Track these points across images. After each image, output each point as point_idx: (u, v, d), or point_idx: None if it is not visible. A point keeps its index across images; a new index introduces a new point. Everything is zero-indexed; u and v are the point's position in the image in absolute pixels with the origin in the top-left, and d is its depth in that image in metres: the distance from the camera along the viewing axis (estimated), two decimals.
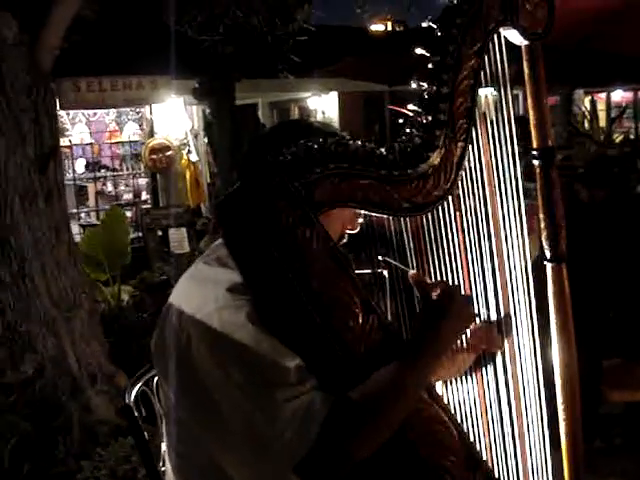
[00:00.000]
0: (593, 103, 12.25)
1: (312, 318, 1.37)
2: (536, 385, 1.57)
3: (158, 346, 1.53)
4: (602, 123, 12.21)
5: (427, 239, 1.51)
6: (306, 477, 1.35)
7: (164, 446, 1.62)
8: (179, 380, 1.46)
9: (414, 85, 1.46)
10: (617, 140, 11.31)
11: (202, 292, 1.46)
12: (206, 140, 10.37)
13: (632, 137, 12.31)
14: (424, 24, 1.46)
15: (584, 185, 4.34)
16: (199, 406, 1.43)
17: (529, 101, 1.52)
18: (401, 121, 1.50)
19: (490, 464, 1.58)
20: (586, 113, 11.61)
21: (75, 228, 8.35)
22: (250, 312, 1.38)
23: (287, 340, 1.37)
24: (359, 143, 1.40)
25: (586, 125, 11.19)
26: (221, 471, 1.44)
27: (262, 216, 1.35)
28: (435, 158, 1.43)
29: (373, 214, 1.45)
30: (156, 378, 1.73)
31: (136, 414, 1.75)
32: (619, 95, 15.54)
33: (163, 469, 1.67)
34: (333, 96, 13.16)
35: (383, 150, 1.41)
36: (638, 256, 4.04)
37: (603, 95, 14.99)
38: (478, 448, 1.58)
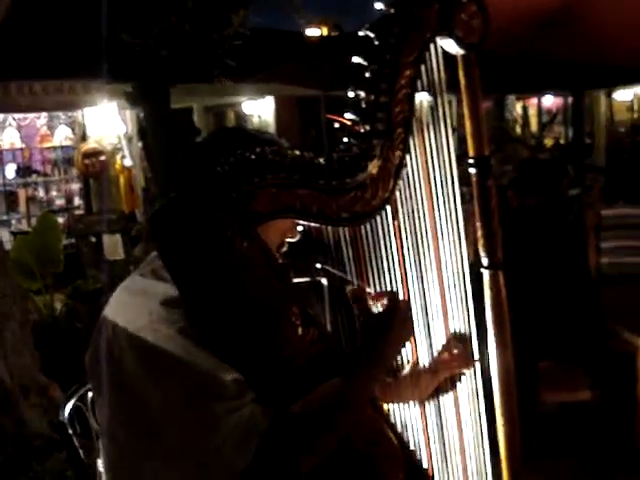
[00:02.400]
0: (525, 108, 12.52)
1: (250, 331, 1.35)
2: (474, 390, 1.58)
3: (92, 360, 1.49)
4: (533, 128, 12.48)
5: (366, 247, 1.51)
6: None
7: (100, 463, 1.58)
8: (113, 396, 1.43)
9: (351, 94, 1.45)
10: (548, 145, 11.59)
11: (136, 305, 1.43)
12: (140, 145, 10.23)
13: (562, 142, 12.61)
14: (361, 32, 1.46)
15: (515, 192, 4.42)
16: (135, 422, 1.39)
17: (465, 111, 1.53)
18: (337, 126, 1.49)
19: (431, 471, 1.59)
20: (518, 118, 11.85)
21: (5, 235, 8.15)
22: (185, 326, 1.36)
23: (224, 354, 1.35)
24: (297, 152, 1.39)
25: (518, 130, 11.43)
26: None
27: (198, 228, 1.33)
28: (373, 167, 1.43)
29: (312, 224, 1.44)
30: (90, 393, 1.69)
31: (71, 431, 1.71)
32: (550, 100, 15.90)
33: None
34: (269, 100, 13.15)
35: (321, 160, 1.40)
36: (570, 259, 4.13)
37: (534, 101, 15.32)
38: (418, 456, 1.59)
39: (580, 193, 5.84)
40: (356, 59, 1.44)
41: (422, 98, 1.50)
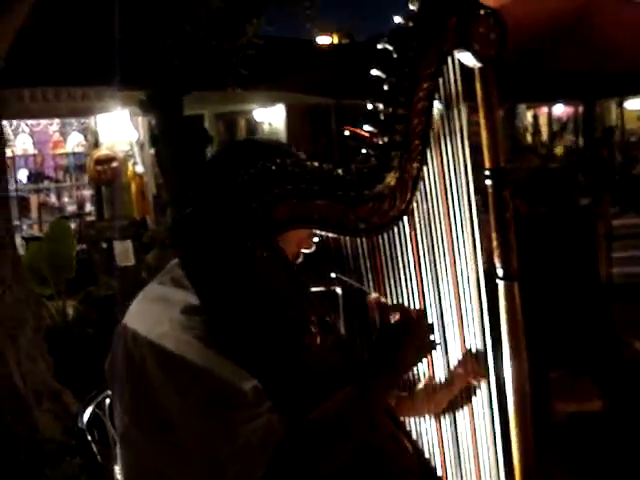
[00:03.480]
0: (535, 117, 12.50)
1: (269, 339, 1.37)
2: (489, 399, 1.59)
3: (111, 368, 1.50)
4: (544, 137, 12.46)
5: (382, 258, 1.52)
6: None
7: (117, 469, 1.60)
8: (132, 402, 1.44)
9: (370, 106, 1.47)
10: (559, 154, 11.58)
11: (156, 313, 1.45)
12: (152, 152, 10.28)
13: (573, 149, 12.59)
14: (379, 45, 1.47)
15: (525, 200, 4.42)
16: (154, 428, 1.41)
17: (481, 122, 1.54)
18: (348, 134, 1.51)
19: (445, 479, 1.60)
20: (529, 127, 11.84)
21: (17, 240, 8.17)
22: (205, 334, 1.37)
23: (244, 362, 1.36)
24: (316, 164, 1.41)
25: (529, 139, 11.41)
26: None
27: (219, 238, 1.35)
28: (391, 179, 1.44)
29: (330, 234, 1.46)
30: (108, 400, 1.71)
31: (89, 437, 1.72)
32: (560, 109, 15.87)
33: None
34: (280, 108, 13.19)
35: (340, 171, 1.42)
36: (581, 269, 4.13)
37: (545, 109, 15.30)
38: (433, 464, 1.59)
39: (591, 203, 5.82)
40: (375, 72, 1.46)
41: (437, 108, 1.51)
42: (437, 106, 1.50)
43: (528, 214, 4.32)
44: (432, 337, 1.55)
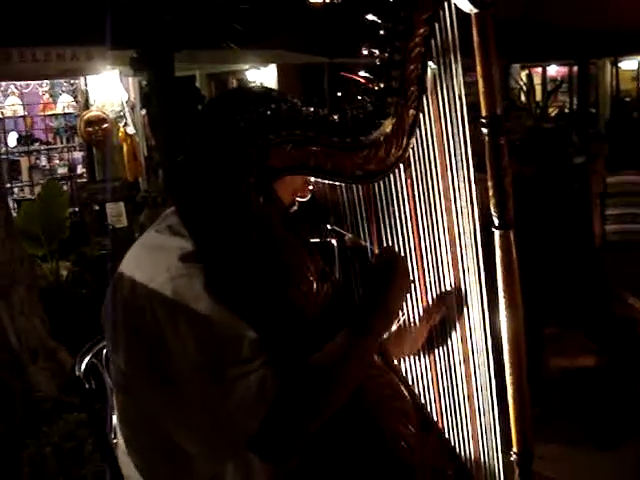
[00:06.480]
0: (530, 77, 12.42)
1: (265, 285, 1.36)
2: (484, 350, 1.59)
3: (108, 316, 1.50)
4: (538, 97, 12.39)
5: (378, 206, 1.51)
6: (261, 452, 1.36)
7: (115, 418, 1.60)
8: (131, 351, 1.44)
9: (365, 52, 1.45)
10: (552, 114, 11.54)
11: (154, 261, 1.44)
12: (143, 112, 10.17)
13: (567, 111, 12.54)
14: None
15: (517, 160, 4.43)
16: (152, 375, 1.41)
17: (478, 69, 1.52)
18: (340, 94, 1.49)
19: (441, 427, 1.61)
20: (523, 87, 11.77)
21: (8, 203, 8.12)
22: (204, 282, 1.37)
23: (240, 309, 1.36)
24: (312, 109, 1.39)
25: (523, 99, 11.35)
26: (173, 443, 1.44)
27: (215, 183, 1.34)
28: (387, 125, 1.43)
29: (325, 181, 1.45)
30: (105, 350, 1.71)
31: (87, 386, 1.72)
32: (554, 69, 15.78)
33: (115, 441, 1.65)
34: (272, 69, 13.06)
35: (336, 117, 1.41)
36: (575, 226, 4.15)
37: (539, 69, 15.20)
38: (429, 411, 1.61)
39: (585, 161, 5.82)
40: (370, 17, 1.44)
41: (434, 58, 1.49)
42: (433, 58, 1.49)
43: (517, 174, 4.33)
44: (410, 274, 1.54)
